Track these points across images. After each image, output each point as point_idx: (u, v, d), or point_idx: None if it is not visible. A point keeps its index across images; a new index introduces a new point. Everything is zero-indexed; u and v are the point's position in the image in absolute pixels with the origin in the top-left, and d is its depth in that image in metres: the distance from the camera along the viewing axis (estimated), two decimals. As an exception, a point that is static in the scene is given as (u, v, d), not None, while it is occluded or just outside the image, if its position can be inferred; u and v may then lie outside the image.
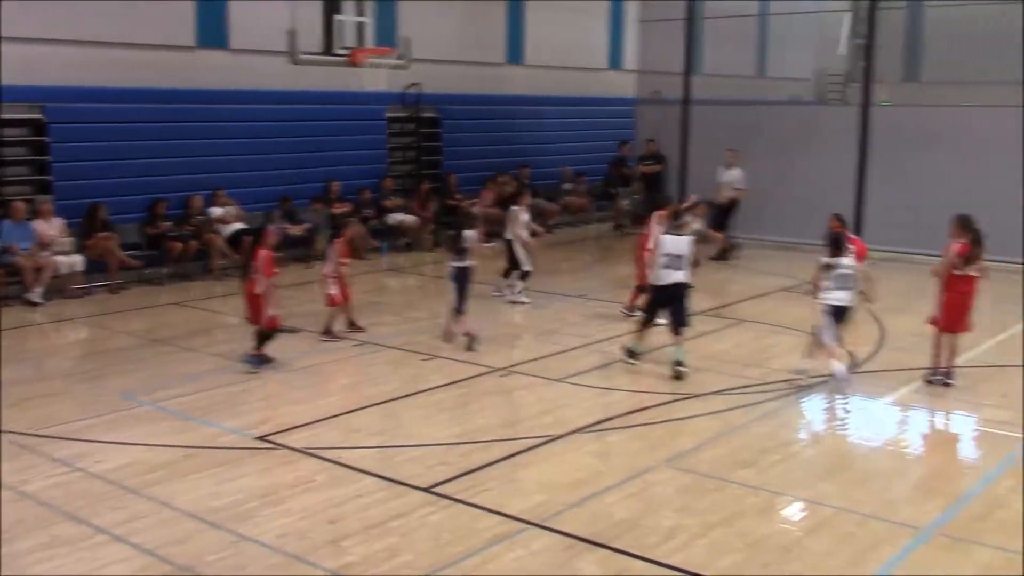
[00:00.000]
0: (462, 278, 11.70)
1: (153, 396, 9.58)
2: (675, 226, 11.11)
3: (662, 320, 10.93)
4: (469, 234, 11.93)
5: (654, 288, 10.78)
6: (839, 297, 10.01)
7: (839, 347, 10.07)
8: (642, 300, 11.77)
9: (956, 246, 10.15)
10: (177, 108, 16.21)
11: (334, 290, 11.80)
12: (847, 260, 10.13)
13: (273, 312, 10.47)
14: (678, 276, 10.52)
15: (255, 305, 10.49)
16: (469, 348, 11.30)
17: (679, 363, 10.36)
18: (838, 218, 14.37)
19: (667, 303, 10.70)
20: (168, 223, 15.44)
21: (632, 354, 10.85)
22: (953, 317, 10.09)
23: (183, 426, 8.77)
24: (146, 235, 15.35)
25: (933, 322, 10.25)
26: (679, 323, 10.61)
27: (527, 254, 13.93)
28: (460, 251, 11.76)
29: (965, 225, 10.22)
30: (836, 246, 10.19)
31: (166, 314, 13.38)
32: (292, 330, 11.70)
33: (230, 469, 7.74)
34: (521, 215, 13.97)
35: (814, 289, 10.34)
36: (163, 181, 15.81)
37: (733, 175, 18.56)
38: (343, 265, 11.89)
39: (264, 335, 10.54)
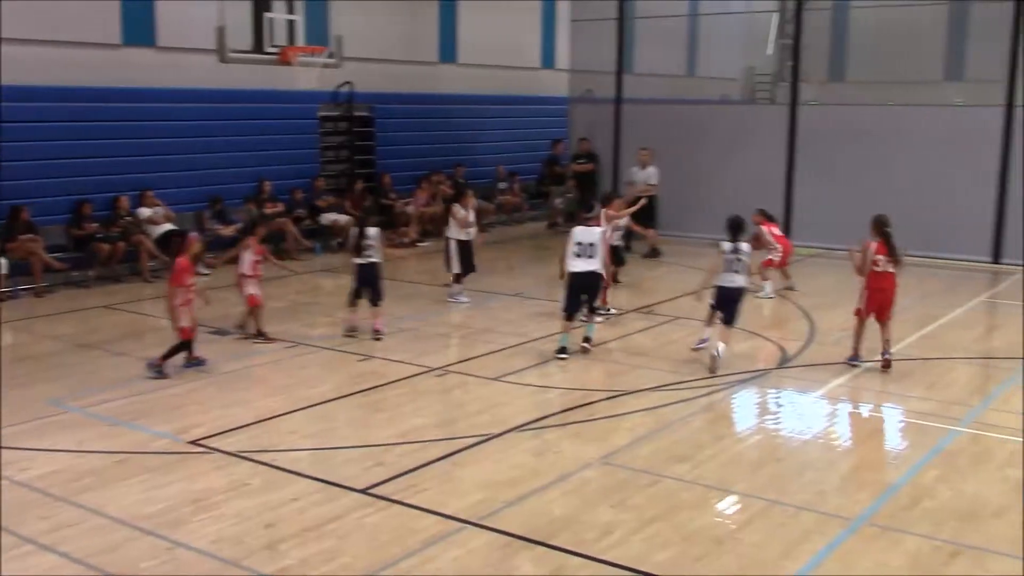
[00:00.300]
0: (365, 275, 11.82)
1: (81, 401, 9.38)
2: (585, 219, 11.78)
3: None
4: (372, 231, 11.98)
5: (569, 275, 11.21)
6: (731, 280, 10.67)
7: (724, 329, 10.72)
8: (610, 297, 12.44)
9: (874, 244, 10.64)
10: (103, 107, 15.88)
11: (254, 289, 11.66)
12: (743, 246, 10.84)
13: (184, 323, 10.17)
14: (590, 264, 11.08)
15: (171, 314, 10.24)
16: (376, 338, 11.59)
17: (587, 339, 11.25)
18: (762, 212, 14.73)
19: (581, 291, 11.21)
20: (95, 224, 15.12)
21: (563, 352, 11.04)
22: (877, 308, 10.62)
23: (113, 431, 8.60)
24: (72, 237, 15.01)
25: (857, 313, 10.74)
26: (592, 310, 11.62)
27: (460, 256, 13.86)
28: (362, 248, 11.78)
29: (879, 225, 10.85)
30: (733, 231, 10.85)
31: (94, 318, 13.10)
32: (223, 332, 11.54)
33: (162, 474, 7.61)
34: (459, 214, 13.91)
35: (708, 274, 10.97)
36: (89, 182, 15.48)
37: (648, 173, 18.78)
38: (259, 263, 11.76)
39: (178, 346, 10.29)
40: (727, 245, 10.79)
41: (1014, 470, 7.83)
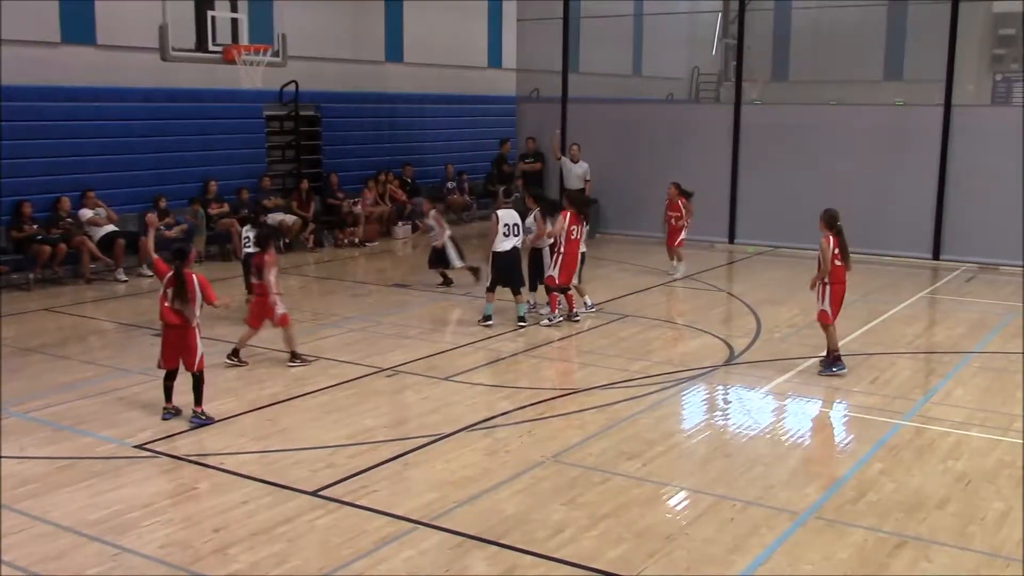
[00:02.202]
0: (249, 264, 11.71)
1: (24, 407, 9.19)
2: (506, 202, 13.06)
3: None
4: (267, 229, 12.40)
5: (495, 255, 12.36)
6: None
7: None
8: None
9: (824, 240, 10.67)
10: (41, 106, 15.58)
11: (283, 308, 10.62)
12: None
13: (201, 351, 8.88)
14: (515, 242, 12.42)
15: (192, 341, 8.78)
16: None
17: (521, 318, 12.44)
18: (676, 185, 15.28)
19: (506, 268, 12.35)
20: (35, 226, 14.83)
21: (487, 319, 12.36)
22: (837, 309, 10.55)
23: (57, 436, 8.45)
24: (11, 239, 14.71)
25: (824, 317, 10.49)
26: (518, 286, 12.52)
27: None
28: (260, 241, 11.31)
29: (831, 220, 10.75)
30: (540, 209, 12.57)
31: (35, 321, 12.85)
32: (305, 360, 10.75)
33: (108, 479, 7.49)
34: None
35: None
36: (28, 182, 15.18)
37: (583, 168, 18.84)
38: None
39: (198, 381, 8.85)
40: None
41: (956, 462, 8.00)
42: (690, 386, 10.16)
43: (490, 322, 12.36)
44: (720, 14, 27.36)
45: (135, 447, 8.17)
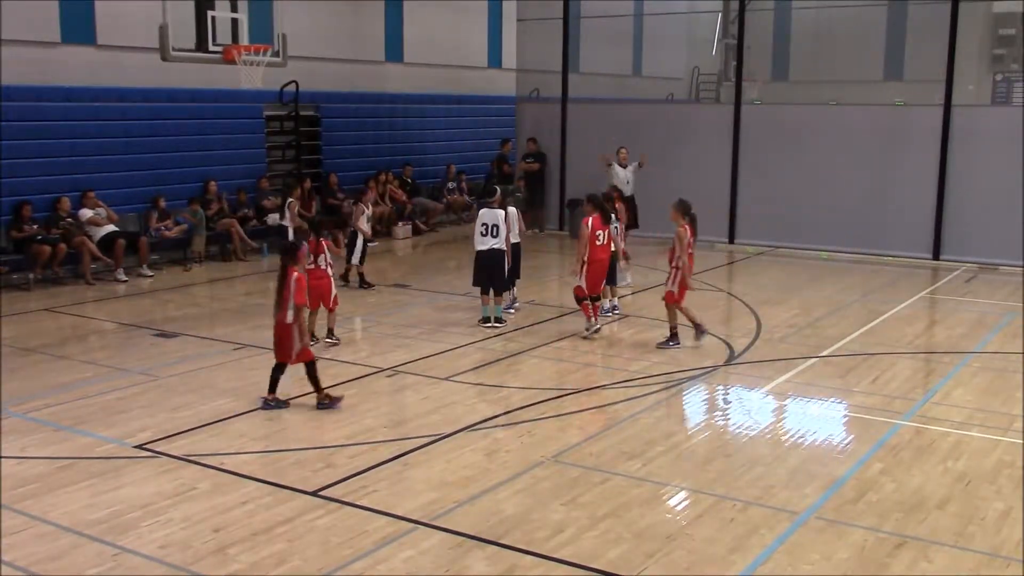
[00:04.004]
0: None
1: (24, 407, 9.19)
2: (488, 202, 12.75)
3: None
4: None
5: (477, 254, 12.42)
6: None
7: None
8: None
9: (681, 229, 11.31)
10: (41, 106, 15.59)
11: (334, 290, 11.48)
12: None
13: (301, 344, 9.19)
14: (493, 243, 12.32)
15: (284, 336, 9.20)
16: None
17: (498, 318, 12.42)
18: (614, 188, 14.92)
19: (486, 267, 12.36)
20: (35, 226, 14.83)
21: (486, 320, 12.38)
22: (684, 290, 11.44)
23: (57, 436, 8.45)
24: (11, 239, 14.71)
25: (672, 297, 11.42)
26: (499, 288, 12.48)
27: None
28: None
29: (686, 209, 11.45)
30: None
31: (35, 321, 12.85)
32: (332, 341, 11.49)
33: (108, 480, 7.49)
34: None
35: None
36: (28, 182, 15.18)
37: (629, 172, 18.71)
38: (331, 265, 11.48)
39: (312, 371, 9.23)
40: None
41: (956, 462, 8.00)
42: (690, 386, 10.16)
43: (489, 323, 12.37)
44: (720, 14, 27.40)
45: (135, 447, 8.17)
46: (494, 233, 12.37)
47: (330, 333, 11.54)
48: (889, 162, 18.15)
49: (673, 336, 11.54)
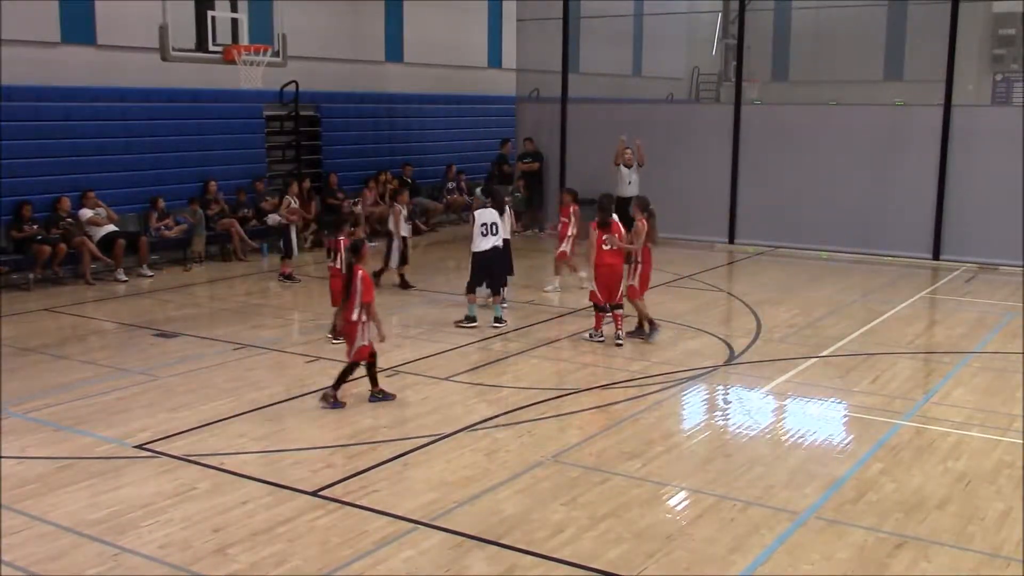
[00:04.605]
0: None
1: (24, 407, 9.19)
2: (483, 203, 12.88)
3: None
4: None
5: (474, 255, 12.53)
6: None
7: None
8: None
9: (640, 223, 11.46)
10: (42, 106, 15.59)
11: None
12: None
13: (364, 342, 9.19)
14: (495, 240, 12.50)
15: (351, 334, 9.23)
16: None
17: (497, 319, 12.42)
18: (569, 191, 14.96)
19: (487, 267, 12.52)
20: (35, 226, 14.83)
21: (472, 320, 12.35)
22: (645, 285, 11.76)
23: (56, 436, 8.45)
24: (11, 239, 14.71)
25: (634, 291, 11.62)
26: (497, 286, 12.63)
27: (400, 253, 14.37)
28: None
29: (644, 205, 11.76)
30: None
31: (35, 321, 12.85)
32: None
33: (108, 480, 7.49)
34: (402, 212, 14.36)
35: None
36: (29, 182, 15.19)
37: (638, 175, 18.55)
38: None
39: (371, 365, 9.37)
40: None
41: (956, 462, 8.00)
42: (690, 386, 10.16)
43: (475, 323, 12.34)
44: (720, 14, 27.37)
45: (135, 447, 8.17)
46: (494, 231, 12.51)
47: (333, 330, 11.41)
48: (889, 162, 18.15)
49: (651, 324, 11.78)
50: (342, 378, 9.30)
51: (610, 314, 11.73)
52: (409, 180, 21.46)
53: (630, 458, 8.03)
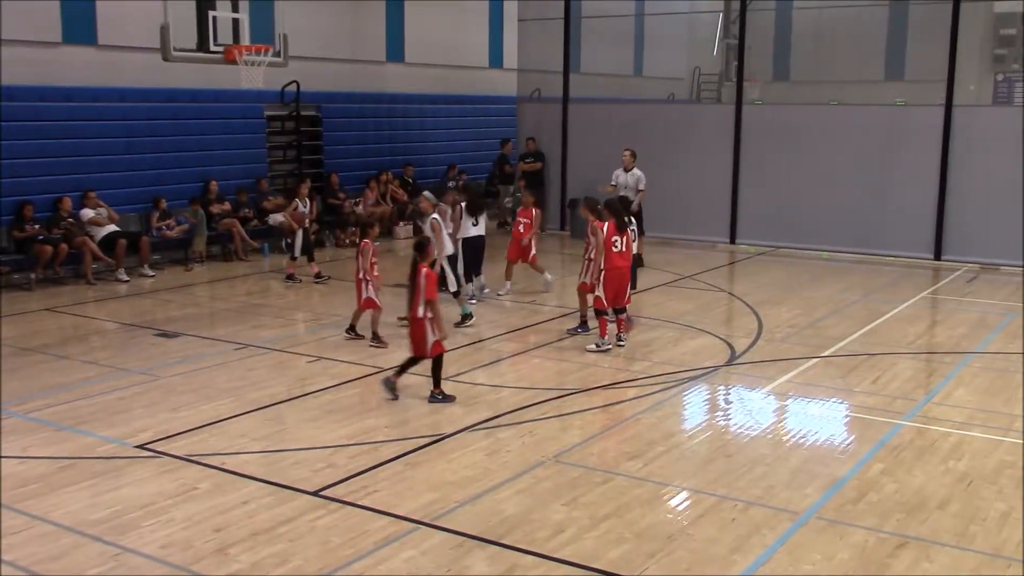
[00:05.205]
0: None
1: (25, 407, 9.20)
2: (435, 204, 12.87)
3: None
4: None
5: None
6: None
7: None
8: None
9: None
10: (43, 106, 15.60)
11: (371, 293, 11.45)
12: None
13: (436, 337, 9.28)
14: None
15: (416, 330, 9.35)
16: None
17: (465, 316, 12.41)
18: (530, 191, 14.97)
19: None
20: (36, 226, 14.84)
21: (466, 317, 12.38)
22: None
23: (57, 436, 8.45)
24: (13, 239, 14.71)
25: (586, 287, 11.78)
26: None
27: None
28: None
29: (592, 205, 11.80)
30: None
31: (36, 321, 12.85)
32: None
33: (109, 479, 7.49)
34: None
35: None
36: (30, 183, 15.19)
37: (635, 177, 17.94)
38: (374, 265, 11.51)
39: (437, 365, 9.46)
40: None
41: (957, 463, 8.00)
42: (691, 386, 10.16)
43: (472, 319, 12.40)
44: (721, 14, 27.36)
45: (136, 447, 8.17)
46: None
47: (351, 329, 11.71)
48: (890, 162, 18.15)
49: (584, 323, 12.06)
50: (404, 368, 9.48)
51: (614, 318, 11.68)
52: (411, 180, 21.49)
53: (631, 458, 8.03)
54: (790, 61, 28.04)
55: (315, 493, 7.24)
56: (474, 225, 13.32)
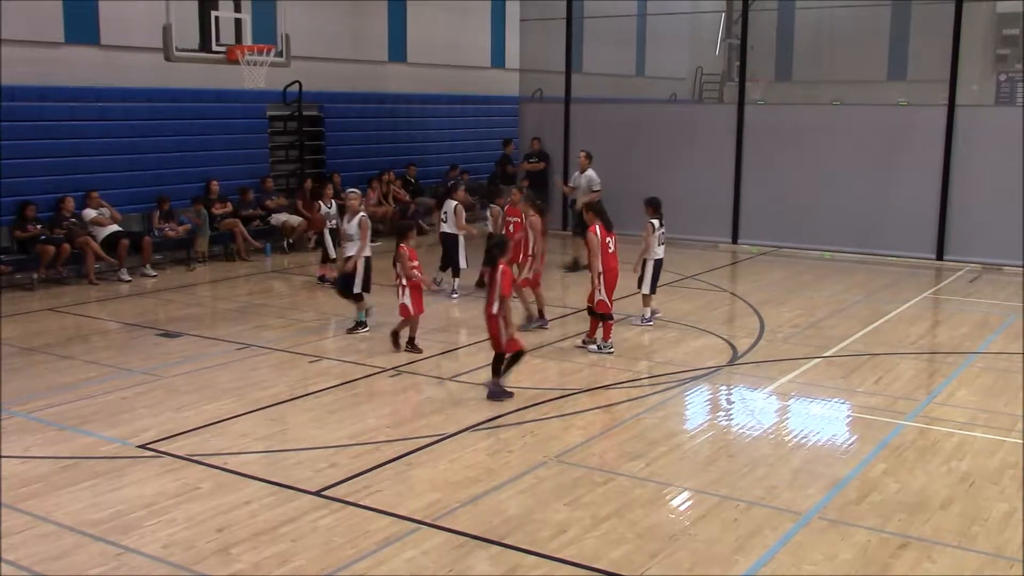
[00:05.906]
0: None
1: (27, 406, 9.20)
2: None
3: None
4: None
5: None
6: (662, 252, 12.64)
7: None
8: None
9: (533, 218, 11.94)
10: (45, 106, 15.61)
11: (407, 299, 11.04)
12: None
13: (508, 334, 9.36)
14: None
15: (491, 327, 9.44)
16: None
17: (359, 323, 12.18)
18: (520, 191, 14.22)
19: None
20: (39, 226, 14.85)
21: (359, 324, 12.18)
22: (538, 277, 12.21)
23: (59, 436, 8.46)
24: (15, 239, 14.73)
25: (527, 283, 12.18)
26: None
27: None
28: None
29: (532, 201, 12.42)
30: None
31: (39, 320, 12.86)
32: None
33: (111, 479, 7.50)
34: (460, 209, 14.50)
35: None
36: (32, 182, 15.21)
37: (586, 178, 17.88)
38: (415, 269, 11.06)
39: (506, 360, 9.47)
40: (657, 223, 12.41)
41: (959, 463, 7.99)
42: (693, 386, 10.15)
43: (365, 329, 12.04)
44: (723, 14, 27.32)
45: (138, 447, 8.17)
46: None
47: (400, 342, 11.29)
48: (892, 162, 18.13)
49: (530, 318, 12.32)
50: (507, 366, 9.49)
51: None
52: (413, 180, 21.49)
53: (633, 458, 8.03)
54: (792, 61, 28.01)
55: (317, 493, 7.24)
56: (444, 223, 14.32)
